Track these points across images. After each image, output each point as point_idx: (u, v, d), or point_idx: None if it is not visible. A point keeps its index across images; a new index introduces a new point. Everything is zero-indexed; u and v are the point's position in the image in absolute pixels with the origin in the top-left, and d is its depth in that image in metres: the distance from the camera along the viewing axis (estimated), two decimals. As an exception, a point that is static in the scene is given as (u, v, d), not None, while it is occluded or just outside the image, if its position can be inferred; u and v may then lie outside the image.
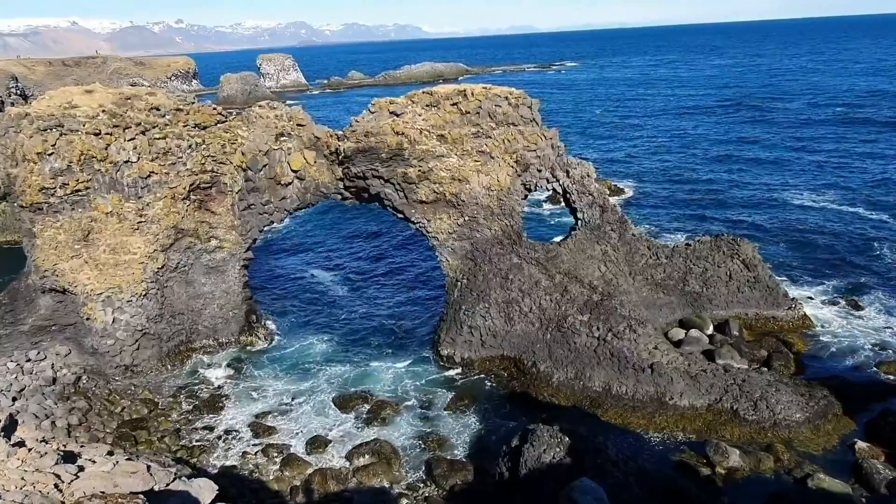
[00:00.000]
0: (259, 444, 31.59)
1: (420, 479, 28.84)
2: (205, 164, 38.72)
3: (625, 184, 78.48)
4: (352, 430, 32.64)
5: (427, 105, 38.08)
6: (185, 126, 38.62)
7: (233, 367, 38.73)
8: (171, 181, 38.11)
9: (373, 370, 38.33)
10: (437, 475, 28.43)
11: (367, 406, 34.45)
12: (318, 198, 40.47)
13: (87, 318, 36.66)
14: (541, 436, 25.29)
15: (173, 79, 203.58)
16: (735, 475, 27.60)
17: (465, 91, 38.25)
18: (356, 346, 41.29)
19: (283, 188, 39.72)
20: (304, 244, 62.90)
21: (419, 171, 37.03)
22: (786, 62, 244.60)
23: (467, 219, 37.88)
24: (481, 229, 37.97)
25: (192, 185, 38.64)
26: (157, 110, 38.32)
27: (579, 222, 39.42)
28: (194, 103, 40.45)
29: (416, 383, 36.74)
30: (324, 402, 35.21)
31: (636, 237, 41.06)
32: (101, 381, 36.40)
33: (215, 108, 40.67)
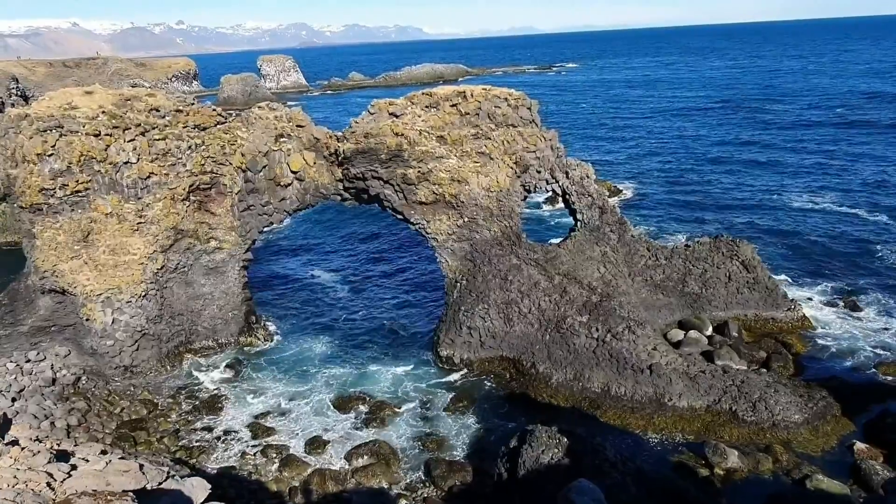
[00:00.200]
0: (258, 444, 31.62)
1: (419, 479, 28.87)
2: (204, 165, 38.78)
3: (624, 185, 78.52)
4: (351, 430, 32.65)
5: (426, 106, 38.13)
6: (184, 127, 38.69)
7: (232, 368, 38.74)
8: (170, 182, 38.18)
9: (372, 371, 38.35)
10: (436, 476, 28.47)
11: (366, 407, 34.48)
12: (318, 199, 40.51)
13: (87, 319, 36.70)
14: (539, 437, 25.31)
15: (174, 80, 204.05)
16: (733, 476, 27.60)
17: (464, 92, 38.29)
18: (355, 347, 41.33)
19: (282, 189, 39.77)
20: (304, 245, 62.93)
21: (418, 172, 37.07)
22: (786, 63, 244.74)
23: (466, 220, 37.91)
24: (480, 230, 38.01)
25: (191, 186, 38.70)
26: (157, 111, 38.39)
27: (578, 223, 39.43)
28: (194, 104, 40.52)
29: (415, 384, 36.75)
30: (323, 402, 35.24)
31: (635, 238, 41.09)
32: (100, 381, 36.44)
33: (215, 110, 40.76)
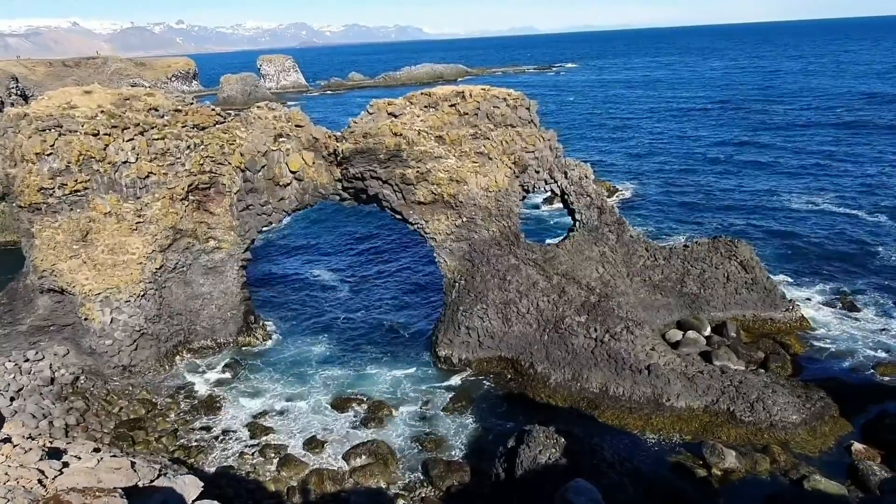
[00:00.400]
0: (256, 444, 31.62)
1: (417, 479, 28.87)
2: (203, 164, 38.80)
3: (623, 185, 78.57)
4: (349, 430, 32.65)
5: (425, 106, 38.16)
6: (183, 127, 38.70)
7: (231, 368, 38.72)
8: (169, 182, 38.18)
9: (370, 371, 38.33)
10: (434, 476, 28.48)
11: (365, 407, 34.47)
12: (317, 199, 40.52)
13: (86, 319, 36.70)
14: (537, 437, 25.32)
15: (174, 79, 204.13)
16: (731, 476, 27.61)
17: (463, 92, 38.33)
18: (354, 347, 41.31)
19: (281, 189, 39.78)
20: (303, 245, 62.92)
21: (417, 171, 37.09)
22: (785, 64, 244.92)
23: (465, 220, 37.93)
24: (479, 230, 38.03)
25: (190, 186, 38.70)
26: (156, 111, 38.41)
27: (577, 223, 39.45)
28: (193, 104, 40.53)
29: (413, 384, 36.76)
30: (321, 402, 35.24)
31: (634, 238, 41.12)
32: (98, 381, 36.44)
33: (214, 109, 40.78)
